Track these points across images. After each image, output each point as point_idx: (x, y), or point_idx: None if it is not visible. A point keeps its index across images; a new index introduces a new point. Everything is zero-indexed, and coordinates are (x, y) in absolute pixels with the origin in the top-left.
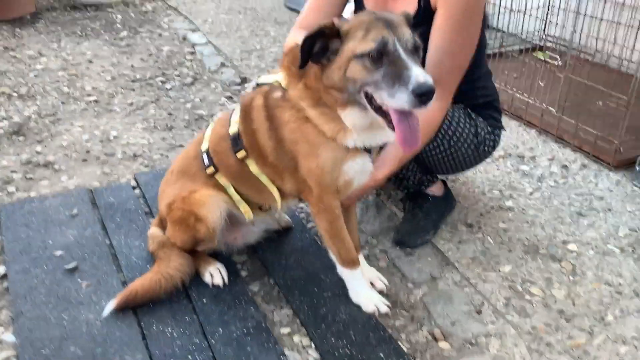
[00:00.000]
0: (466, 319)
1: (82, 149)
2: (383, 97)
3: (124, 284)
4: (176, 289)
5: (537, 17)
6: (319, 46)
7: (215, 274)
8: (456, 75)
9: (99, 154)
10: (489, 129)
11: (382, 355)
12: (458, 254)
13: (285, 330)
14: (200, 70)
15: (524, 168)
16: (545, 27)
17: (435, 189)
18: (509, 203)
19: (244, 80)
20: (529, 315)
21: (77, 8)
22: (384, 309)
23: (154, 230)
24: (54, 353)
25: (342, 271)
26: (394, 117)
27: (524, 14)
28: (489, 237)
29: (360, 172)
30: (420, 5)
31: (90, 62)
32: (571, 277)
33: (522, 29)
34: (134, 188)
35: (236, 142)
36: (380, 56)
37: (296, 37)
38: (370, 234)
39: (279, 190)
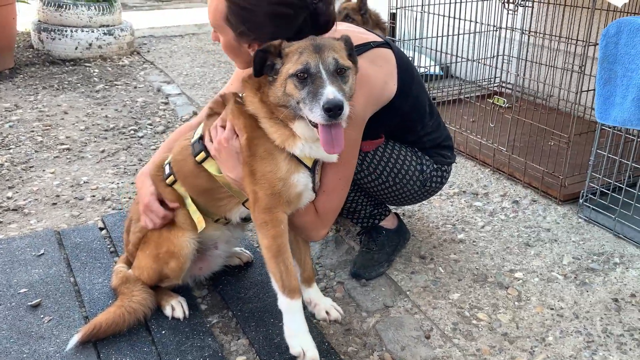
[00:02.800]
0: (415, 343)
1: (52, 193)
2: (306, 112)
3: (86, 318)
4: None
5: (490, 65)
6: (270, 62)
7: (176, 306)
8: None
9: (68, 197)
10: (435, 166)
11: None
12: (410, 283)
13: (240, 358)
14: (172, 119)
15: (477, 204)
16: (501, 75)
17: (388, 223)
18: (461, 236)
19: None
20: (475, 339)
21: (56, 63)
22: (311, 355)
23: (119, 266)
24: None
25: (282, 302)
26: (319, 127)
27: (480, 63)
28: (440, 268)
29: (305, 187)
30: None
31: (66, 113)
32: (516, 303)
33: (478, 77)
34: (101, 229)
35: (196, 146)
36: (305, 77)
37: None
38: (329, 267)
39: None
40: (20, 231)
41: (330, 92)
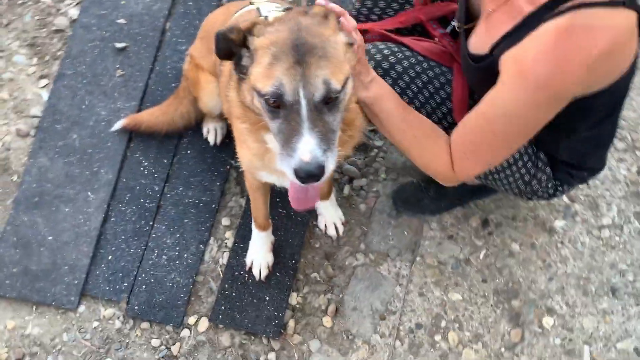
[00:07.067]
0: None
1: None
2: (279, 152)
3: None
4: None
5: None
6: (236, 51)
7: (211, 131)
8: (496, 152)
9: None
10: (549, 184)
11: None
12: (432, 250)
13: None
14: None
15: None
16: None
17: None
18: (559, 223)
19: None
20: None
21: None
22: (259, 274)
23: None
24: None
25: (254, 228)
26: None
27: None
28: (490, 249)
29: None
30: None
31: None
32: None
33: None
34: None
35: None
36: (277, 105)
37: None
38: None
39: None
40: None
41: (307, 150)
